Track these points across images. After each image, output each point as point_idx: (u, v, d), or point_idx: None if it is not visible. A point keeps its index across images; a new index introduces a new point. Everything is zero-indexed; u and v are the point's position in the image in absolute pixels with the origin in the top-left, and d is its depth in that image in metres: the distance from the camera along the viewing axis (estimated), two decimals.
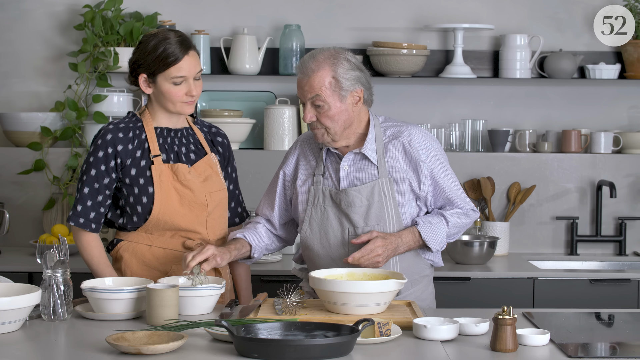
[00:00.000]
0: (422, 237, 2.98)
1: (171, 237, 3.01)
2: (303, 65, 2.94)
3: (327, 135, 2.97)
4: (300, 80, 2.95)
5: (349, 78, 2.93)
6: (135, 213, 2.97)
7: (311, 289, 3.14)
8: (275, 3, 4.60)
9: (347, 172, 3.02)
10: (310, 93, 2.92)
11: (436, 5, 4.60)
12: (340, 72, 2.92)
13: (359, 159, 3.02)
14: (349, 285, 2.66)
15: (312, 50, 3.00)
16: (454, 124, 4.56)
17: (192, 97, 2.97)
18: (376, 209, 2.98)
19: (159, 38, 2.94)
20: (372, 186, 2.99)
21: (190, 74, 2.95)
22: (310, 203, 3.04)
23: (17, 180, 4.46)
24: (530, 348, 2.45)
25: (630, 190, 4.54)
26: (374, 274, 2.85)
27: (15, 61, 4.59)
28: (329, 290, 2.68)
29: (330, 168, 3.06)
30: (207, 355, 2.36)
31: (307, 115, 2.94)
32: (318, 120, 2.95)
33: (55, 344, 2.51)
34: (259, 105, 4.62)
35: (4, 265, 3.95)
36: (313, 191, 3.04)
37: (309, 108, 2.94)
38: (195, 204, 3.00)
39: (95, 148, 2.97)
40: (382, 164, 3.00)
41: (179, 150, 3.03)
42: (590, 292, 3.98)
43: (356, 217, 2.99)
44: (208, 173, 3.05)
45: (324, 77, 2.91)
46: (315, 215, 3.04)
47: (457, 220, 3.04)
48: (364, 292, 2.65)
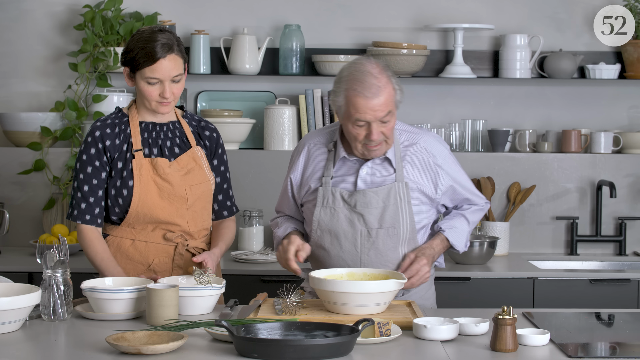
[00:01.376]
0: (450, 241, 3.05)
1: (152, 230, 3.06)
2: (364, 85, 2.83)
3: (386, 145, 2.96)
4: (368, 100, 2.83)
5: (400, 87, 2.94)
6: (117, 205, 3.03)
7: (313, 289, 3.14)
8: (275, 3, 4.60)
9: (365, 175, 3.02)
10: (383, 112, 2.85)
11: (436, 5, 4.60)
12: (394, 81, 2.91)
13: (378, 163, 3.02)
14: (348, 285, 2.66)
15: (354, 66, 2.89)
16: (454, 124, 4.56)
17: (165, 99, 3.00)
18: (391, 211, 2.99)
19: (144, 36, 2.99)
20: (389, 189, 2.99)
21: (164, 77, 2.97)
22: (319, 204, 3.04)
23: (17, 180, 4.46)
24: (530, 348, 2.45)
25: (630, 190, 4.54)
26: (374, 274, 2.85)
27: (15, 61, 4.59)
28: (329, 290, 2.68)
29: (344, 170, 3.05)
30: (207, 355, 2.36)
31: (376, 133, 2.87)
32: (383, 134, 2.91)
33: (55, 344, 2.51)
34: (259, 105, 4.62)
35: (4, 265, 3.95)
36: (322, 192, 3.04)
37: (376, 126, 2.87)
38: (174, 197, 3.05)
39: (87, 146, 3.04)
40: (400, 168, 3.01)
41: (164, 144, 3.08)
42: (590, 292, 3.98)
43: (371, 218, 2.99)
44: (191, 166, 3.09)
45: (390, 90, 2.88)
46: (324, 216, 3.03)
47: (475, 217, 3.14)
48: (364, 292, 2.65)
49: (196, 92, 4.61)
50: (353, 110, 2.85)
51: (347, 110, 2.88)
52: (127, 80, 3.04)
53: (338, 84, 2.91)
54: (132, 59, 2.98)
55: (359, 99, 2.83)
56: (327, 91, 4.52)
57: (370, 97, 2.83)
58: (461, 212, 3.12)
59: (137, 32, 3.03)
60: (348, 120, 2.89)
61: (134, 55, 2.97)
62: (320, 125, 4.45)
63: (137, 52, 2.97)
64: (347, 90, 2.86)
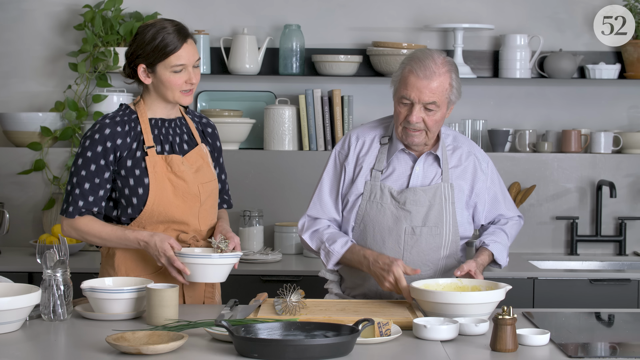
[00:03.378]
0: (495, 256, 3.06)
1: (164, 230, 2.99)
2: (421, 65, 2.89)
3: (425, 137, 2.97)
4: (419, 80, 2.88)
5: (458, 88, 2.96)
6: (131, 205, 2.96)
7: (340, 292, 3.13)
8: (275, 3, 4.60)
9: (418, 173, 3.03)
10: (429, 97, 2.89)
11: (436, 5, 4.60)
12: (455, 78, 2.93)
13: (430, 163, 3.04)
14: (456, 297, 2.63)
15: (422, 50, 2.95)
16: (454, 124, 4.56)
17: (191, 85, 2.98)
18: (436, 211, 3.00)
19: (156, 27, 2.94)
20: (435, 188, 3.01)
21: (189, 61, 2.96)
22: (366, 198, 3.03)
23: (17, 180, 4.46)
24: (530, 348, 2.45)
25: (630, 190, 4.54)
26: (475, 285, 2.83)
27: (15, 61, 4.59)
28: (434, 302, 2.64)
29: (397, 166, 3.05)
30: (207, 355, 2.36)
31: (416, 116, 2.91)
32: (423, 122, 2.93)
33: (55, 344, 2.51)
34: (259, 105, 4.62)
35: (4, 265, 3.95)
36: (370, 186, 3.03)
37: (418, 109, 2.90)
38: (188, 195, 3.00)
39: (93, 142, 2.94)
40: (446, 169, 3.04)
41: (173, 141, 3.04)
42: (590, 292, 3.98)
43: (417, 217, 2.99)
44: (199, 164, 3.06)
45: (445, 82, 2.90)
46: (370, 211, 3.03)
47: (514, 231, 3.17)
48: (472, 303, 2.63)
49: (196, 92, 4.61)
50: (402, 86, 2.92)
51: (398, 87, 2.95)
52: (144, 77, 2.96)
53: (401, 64, 2.97)
54: (154, 51, 2.92)
55: (411, 75, 2.90)
56: (327, 91, 4.52)
57: (422, 78, 2.88)
58: (500, 227, 3.13)
59: (144, 27, 2.96)
60: (396, 97, 2.95)
61: (154, 47, 2.92)
62: (320, 125, 4.45)
63: (158, 43, 2.92)
64: (405, 66, 2.93)
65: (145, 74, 2.96)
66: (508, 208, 3.17)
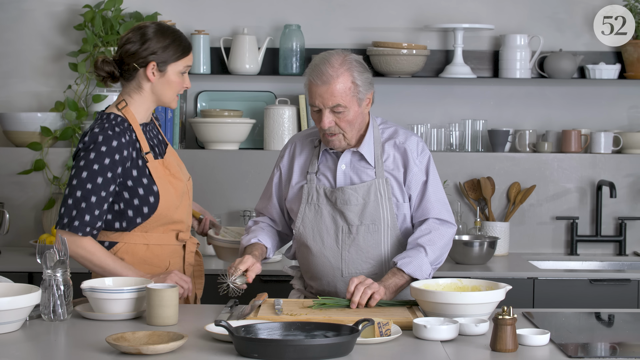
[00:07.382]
0: (406, 272, 2.91)
1: (164, 232, 3.01)
2: (318, 71, 2.89)
3: (344, 140, 2.98)
4: (318, 87, 2.89)
5: (364, 81, 2.94)
6: (141, 215, 2.94)
7: (302, 287, 3.16)
8: (275, 3, 4.60)
9: (344, 171, 3.03)
10: (331, 101, 2.89)
11: (436, 5, 4.60)
12: (357, 75, 2.92)
13: (357, 159, 3.03)
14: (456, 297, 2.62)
15: (321, 55, 2.95)
16: (454, 124, 4.57)
17: (185, 89, 3.07)
18: (372, 208, 3.00)
19: (170, 28, 2.97)
20: (368, 186, 3.00)
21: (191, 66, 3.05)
22: (304, 201, 3.05)
23: (17, 180, 4.46)
24: (530, 348, 2.45)
25: (630, 190, 4.54)
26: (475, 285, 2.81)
27: (15, 61, 4.59)
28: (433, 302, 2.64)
29: (326, 166, 3.06)
30: (207, 355, 2.36)
31: (326, 121, 2.91)
32: (337, 125, 2.94)
33: (55, 344, 2.51)
34: (259, 105, 4.62)
35: (4, 265, 3.95)
36: (307, 189, 3.05)
37: (327, 114, 2.91)
38: (184, 195, 3.04)
39: (99, 155, 2.86)
40: (380, 164, 3.02)
41: (156, 144, 3.06)
42: (590, 292, 3.98)
43: (351, 215, 3.00)
44: (178, 161, 3.11)
45: (344, 83, 2.89)
46: (309, 213, 3.05)
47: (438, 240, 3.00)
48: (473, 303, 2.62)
49: (196, 92, 4.61)
50: (308, 95, 2.95)
51: (307, 96, 2.99)
52: (150, 76, 2.93)
53: (305, 72, 3.00)
54: (174, 50, 2.93)
55: (311, 84, 2.92)
56: None
57: (320, 84, 2.89)
58: (417, 242, 2.97)
59: (157, 26, 2.95)
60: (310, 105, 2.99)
61: (175, 46, 2.93)
62: None
63: (177, 43, 2.95)
64: (306, 74, 2.96)
65: (152, 72, 2.94)
66: (439, 211, 3.03)
